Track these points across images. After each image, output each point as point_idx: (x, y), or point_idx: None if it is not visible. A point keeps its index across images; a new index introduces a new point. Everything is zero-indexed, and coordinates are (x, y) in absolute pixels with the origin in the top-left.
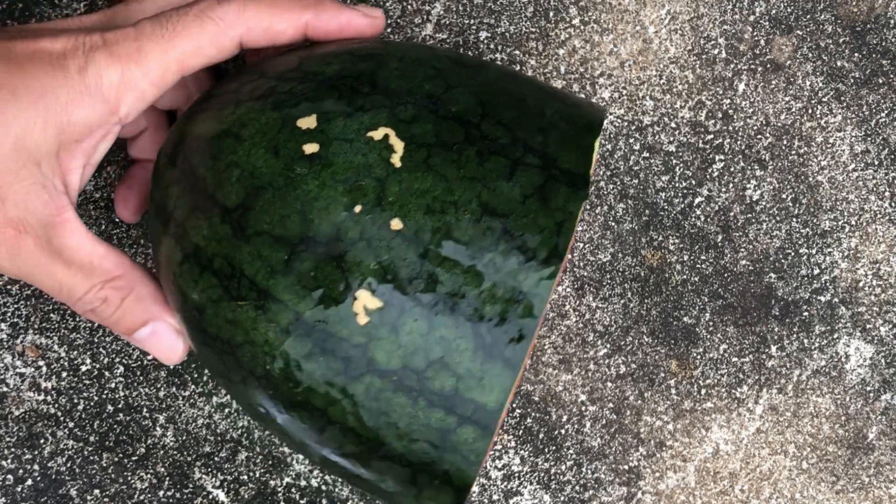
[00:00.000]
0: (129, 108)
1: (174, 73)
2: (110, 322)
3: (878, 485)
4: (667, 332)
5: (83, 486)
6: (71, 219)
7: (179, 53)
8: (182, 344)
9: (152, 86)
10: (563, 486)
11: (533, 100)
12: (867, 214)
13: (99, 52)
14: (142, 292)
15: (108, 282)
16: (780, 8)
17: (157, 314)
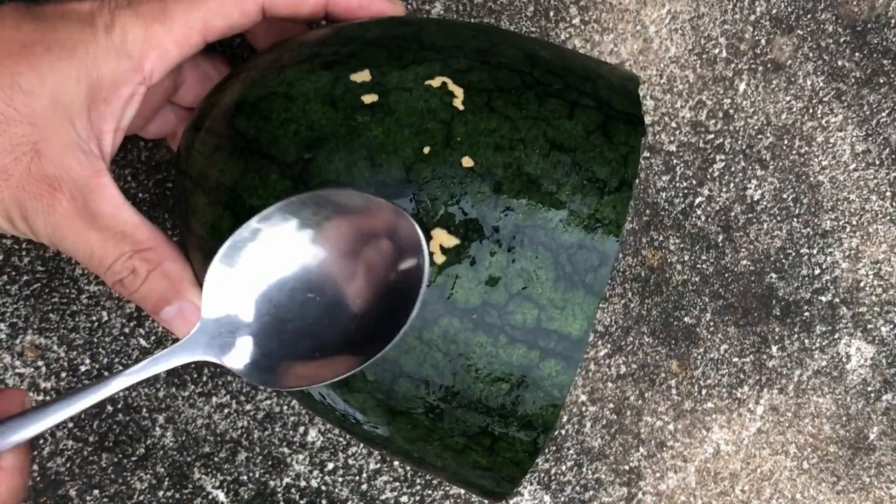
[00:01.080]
0: (154, 67)
1: (198, 33)
2: (138, 297)
3: (878, 485)
4: (667, 333)
5: (82, 486)
6: (107, 183)
7: (203, 13)
8: None
9: (175, 45)
10: (564, 487)
11: (572, 56)
12: (868, 214)
13: (124, 10)
14: (170, 268)
15: (139, 252)
16: (780, 7)
17: (183, 293)
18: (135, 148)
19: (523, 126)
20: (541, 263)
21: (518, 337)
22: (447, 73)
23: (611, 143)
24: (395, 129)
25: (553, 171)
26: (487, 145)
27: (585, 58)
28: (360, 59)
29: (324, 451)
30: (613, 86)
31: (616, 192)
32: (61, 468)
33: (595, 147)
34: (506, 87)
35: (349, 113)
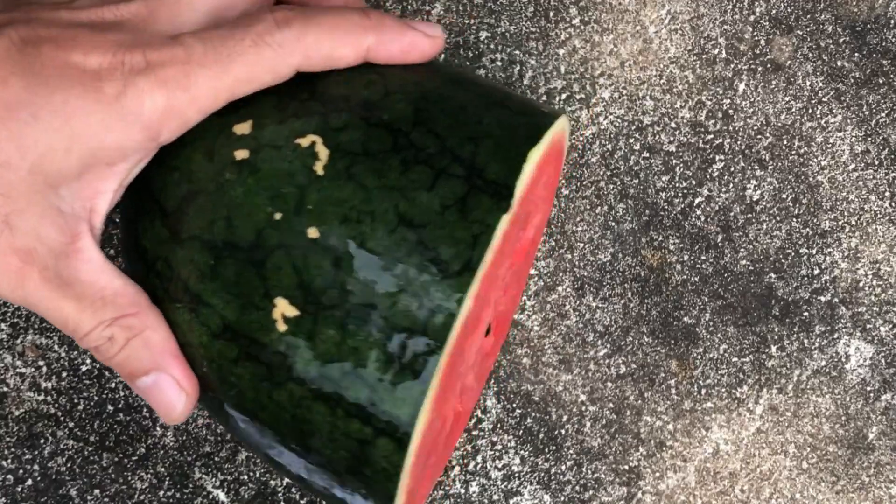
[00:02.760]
0: (171, 133)
1: (223, 100)
2: (114, 364)
3: (878, 485)
4: (667, 332)
5: (83, 486)
6: (85, 248)
7: (232, 81)
8: (183, 404)
9: (198, 112)
10: (563, 486)
11: (475, 107)
12: (867, 214)
13: (141, 76)
14: (151, 337)
15: (118, 319)
16: (780, 8)
17: (162, 365)
18: None
19: (376, 197)
20: (371, 345)
21: (353, 412)
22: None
23: (465, 219)
24: (254, 191)
25: (396, 249)
26: (335, 216)
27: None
28: (249, 106)
29: None
30: (501, 147)
31: (457, 276)
32: (62, 468)
33: (446, 224)
34: (373, 150)
35: (220, 168)
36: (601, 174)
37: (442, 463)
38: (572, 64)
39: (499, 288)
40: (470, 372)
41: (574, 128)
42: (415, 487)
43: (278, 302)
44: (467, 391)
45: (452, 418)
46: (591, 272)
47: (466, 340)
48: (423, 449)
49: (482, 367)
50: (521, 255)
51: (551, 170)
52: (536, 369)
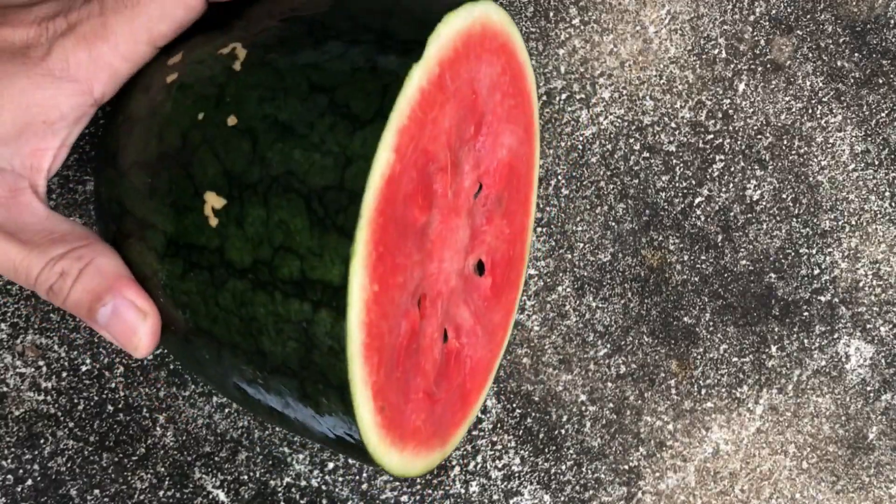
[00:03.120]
0: (104, 88)
1: (145, 43)
2: (70, 302)
3: (878, 485)
4: (667, 332)
5: (83, 486)
6: (28, 202)
7: (146, 21)
8: (146, 327)
9: (124, 60)
10: (563, 486)
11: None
12: (867, 214)
13: (63, 37)
14: (103, 263)
15: (67, 253)
16: (780, 8)
17: (116, 287)
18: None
19: (289, 74)
20: (295, 212)
21: (290, 291)
22: (241, 39)
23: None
24: (180, 101)
25: (308, 114)
26: (251, 100)
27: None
28: (183, 42)
29: (324, 450)
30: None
31: (369, 124)
32: (62, 468)
33: (357, 82)
34: (288, 38)
35: (154, 96)
36: (601, 174)
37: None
38: (572, 64)
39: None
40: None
41: (574, 128)
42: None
43: (208, 197)
44: (469, 334)
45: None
46: (591, 272)
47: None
48: (373, 332)
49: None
50: (501, 178)
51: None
52: (536, 369)
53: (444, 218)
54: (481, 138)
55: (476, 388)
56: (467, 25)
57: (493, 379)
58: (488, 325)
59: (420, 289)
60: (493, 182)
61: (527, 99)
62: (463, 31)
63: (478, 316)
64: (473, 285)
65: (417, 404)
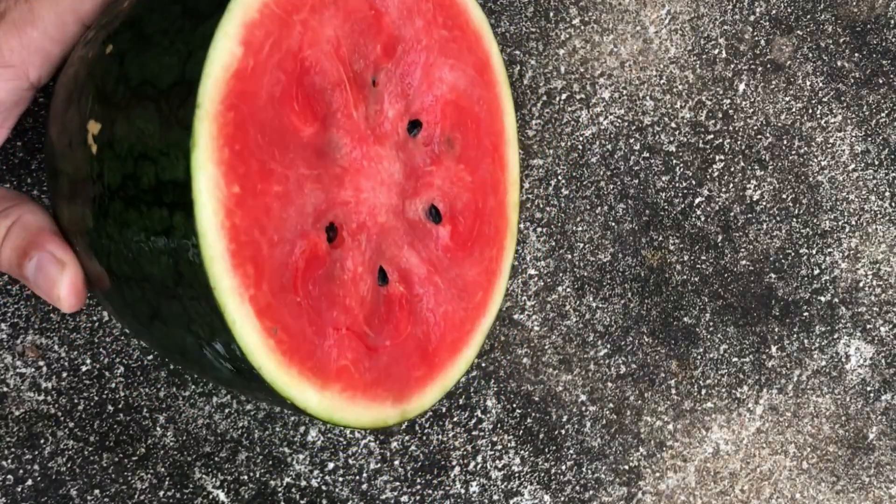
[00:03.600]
0: (39, 71)
1: (73, 23)
2: (3, 260)
3: (878, 485)
4: (667, 333)
5: (83, 486)
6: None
7: (70, 2)
8: (65, 278)
9: (55, 43)
10: (564, 486)
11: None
12: (867, 214)
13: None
14: (27, 219)
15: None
16: (780, 8)
17: (38, 242)
18: None
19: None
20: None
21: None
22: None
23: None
24: (81, 49)
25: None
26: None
27: None
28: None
29: (324, 450)
30: None
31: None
32: (62, 468)
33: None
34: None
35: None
36: (601, 174)
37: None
38: (572, 64)
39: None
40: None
41: (574, 128)
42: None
43: (90, 126)
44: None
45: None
46: (591, 272)
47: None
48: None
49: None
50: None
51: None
52: (536, 369)
53: (356, 143)
54: (407, 68)
55: (445, 348)
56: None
57: (476, 344)
58: (456, 279)
59: (329, 216)
60: (435, 119)
61: (472, 37)
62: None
63: (436, 266)
64: (425, 232)
65: (340, 341)
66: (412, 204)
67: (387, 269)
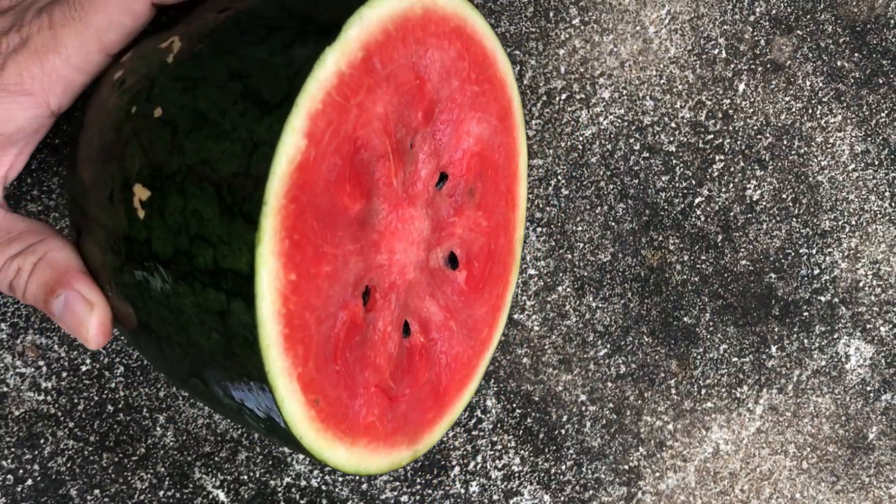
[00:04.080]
0: (60, 100)
1: (96, 52)
2: (28, 297)
3: (878, 485)
4: (667, 332)
5: (83, 486)
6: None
7: (94, 32)
8: (94, 319)
9: (78, 71)
10: (563, 486)
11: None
12: (867, 214)
13: (17, 52)
14: (54, 257)
15: (23, 251)
16: (780, 8)
17: (66, 280)
18: None
19: (210, 63)
20: (207, 200)
21: (207, 281)
22: (180, 33)
23: (288, 60)
24: (118, 96)
25: (222, 102)
26: (176, 90)
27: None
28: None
29: None
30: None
31: (276, 108)
32: (62, 468)
33: (271, 68)
34: (218, 29)
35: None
36: (601, 174)
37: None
38: (572, 64)
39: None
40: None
41: (574, 128)
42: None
43: (136, 189)
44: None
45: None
46: (591, 272)
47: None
48: (292, 322)
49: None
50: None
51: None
52: (536, 369)
53: (393, 208)
54: (440, 126)
55: (454, 386)
56: (401, 8)
57: (479, 377)
58: (467, 320)
59: (365, 280)
60: (461, 172)
61: (499, 86)
62: (396, 14)
63: (451, 310)
64: (444, 278)
65: (369, 399)
66: (434, 253)
67: (409, 322)
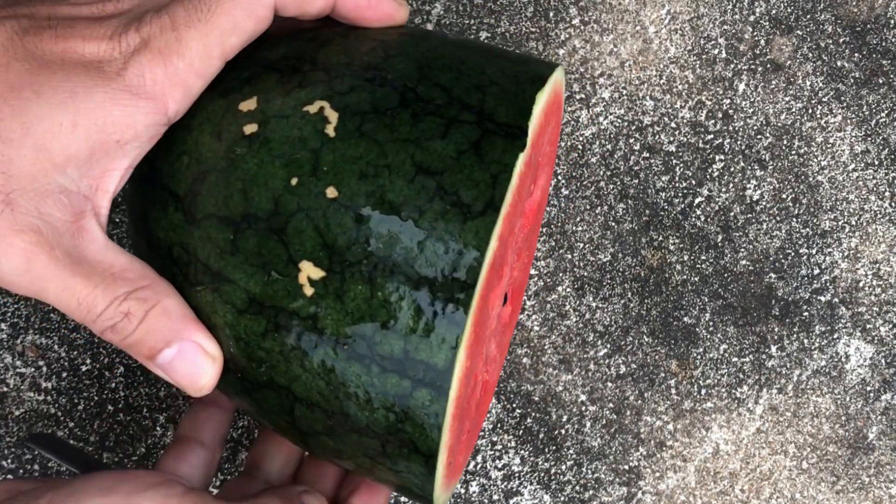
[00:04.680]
0: (178, 105)
1: (217, 57)
2: (131, 341)
3: (878, 485)
4: (667, 332)
5: None
6: (89, 227)
7: (218, 35)
8: (212, 369)
9: (198, 76)
10: (563, 486)
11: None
12: (867, 214)
13: (139, 52)
14: (169, 306)
15: (132, 294)
16: (780, 8)
17: (184, 332)
18: None
19: (391, 150)
20: (401, 295)
21: (389, 367)
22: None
23: (482, 162)
24: (267, 161)
25: (416, 198)
26: (352, 173)
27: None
28: (253, 85)
29: None
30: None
31: (480, 216)
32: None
33: (464, 168)
34: (382, 107)
35: (231, 145)
36: (601, 174)
37: (473, 435)
38: (572, 64)
39: (514, 246)
40: (493, 339)
41: (574, 128)
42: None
43: (303, 266)
44: (491, 361)
45: (481, 386)
46: (591, 272)
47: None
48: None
49: (502, 339)
50: (531, 218)
51: (554, 122)
52: (536, 369)
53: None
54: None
55: (486, 406)
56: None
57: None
58: (503, 346)
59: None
60: (526, 224)
61: (556, 140)
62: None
63: (499, 344)
64: (499, 317)
65: (463, 443)
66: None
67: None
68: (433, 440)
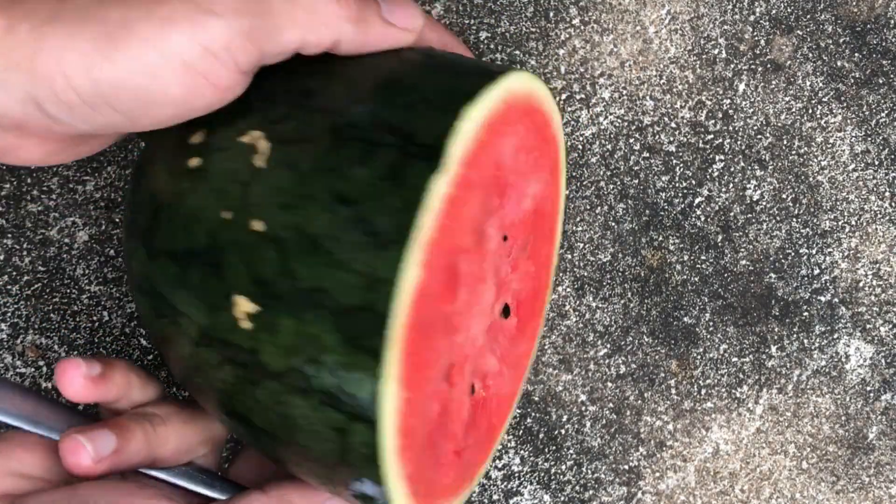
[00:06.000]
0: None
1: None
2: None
3: (878, 485)
4: (667, 332)
5: None
6: None
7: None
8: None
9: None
10: (563, 486)
11: (414, 75)
12: (867, 214)
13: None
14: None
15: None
16: (780, 8)
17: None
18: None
19: (312, 180)
20: (325, 328)
21: (325, 401)
22: (262, 125)
23: (398, 188)
24: (204, 196)
25: (334, 229)
26: (277, 206)
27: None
28: (206, 118)
29: None
30: (432, 110)
31: (394, 244)
32: None
33: (381, 195)
34: (310, 135)
35: (178, 180)
36: (601, 174)
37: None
38: (572, 64)
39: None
40: (487, 355)
41: (574, 128)
42: (419, 478)
43: (238, 300)
44: (495, 376)
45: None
46: (591, 272)
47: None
48: (411, 431)
49: (512, 353)
50: (525, 228)
51: (528, 134)
52: (536, 369)
53: (470, 290)
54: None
55: (501, 421)
56: (489, 110)
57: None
58: (514, 360)
59: (447, 364)
60: (519, 232)
61: (551, 142)
62: (485, 119)
63: (503, 358)
64: (498, 328)
65: (448, 466)
66: (493, 311)
67: (474, 382)
68: (377, 472)
